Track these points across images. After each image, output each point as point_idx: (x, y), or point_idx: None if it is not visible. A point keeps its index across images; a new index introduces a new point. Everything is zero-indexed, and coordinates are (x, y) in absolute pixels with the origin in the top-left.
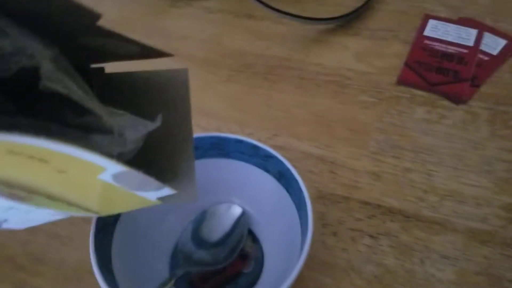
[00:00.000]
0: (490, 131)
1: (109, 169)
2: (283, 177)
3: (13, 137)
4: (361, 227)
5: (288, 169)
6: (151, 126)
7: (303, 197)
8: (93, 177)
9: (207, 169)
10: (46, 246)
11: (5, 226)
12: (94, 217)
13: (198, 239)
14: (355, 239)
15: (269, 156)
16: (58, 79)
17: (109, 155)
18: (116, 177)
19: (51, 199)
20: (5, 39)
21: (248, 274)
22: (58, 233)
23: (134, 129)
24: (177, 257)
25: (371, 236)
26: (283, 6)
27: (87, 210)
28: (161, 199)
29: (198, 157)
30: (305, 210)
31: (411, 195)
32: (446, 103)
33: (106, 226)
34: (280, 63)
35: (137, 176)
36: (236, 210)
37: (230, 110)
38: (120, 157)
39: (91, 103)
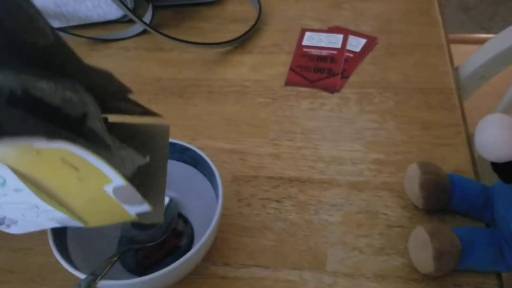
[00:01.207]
0: (359, 109)
1: (114, 181)
2: (198, 164)
3: (72, 147)
4: (268, 195)
5: (200, 156)
6: (143, 160)
7: (215, 175)
8: (100, 187)
9: None
10: (11, 258)
11: (12, 229)
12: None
13: (136, 224)
14: (265, 205)
15: (185, 149)
16: (95, 122)
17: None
18: (115, 189)
19: (61, 205)
20: (76, 94)
21: (183, 247)
22: (20, 246)
23: (132, 160)
24: (122, 240)
25: (276, 201)
26: (187, 37)
27: (81, 219)
28: (137, 215)
29: None
30: (217, 185)
31: (304, 166)
32: (324, 94)
33: (61, 228)
34: (191, 83)
35: (130, 190)
36: (165, 199)
37: None
38: None
39: (108, 138)
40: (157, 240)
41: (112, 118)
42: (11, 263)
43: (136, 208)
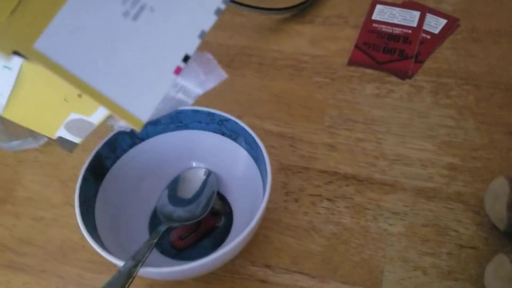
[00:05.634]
0: (433, 101)
1: (93, 118)
2: (239, 136)
3: None
4: (320, 192)
5: (242, 128)
6: None
7: (259, 148)
8: (70, 111)
9: (171, 142)
10: (31, 228)
11: None
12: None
13: (174, 200)
14: (315, 203)
15: (224, 120)
16: None
17: None
18: (80, 120)
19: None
20: None
21: (221, 228)
22: (43, 216)
23: None
24: (158, 217)
25: (329, 200)
26: None
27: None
28: (58, 137)
29: (160, 132)
30: (263, 158)
31: (364, 162)
32: (393, 79)
33: (88, 198)
34: (241, 51)
35: (90, 127)
36: (203, 172)
37: None
38: None
39: None
40: (196, 218)
41: None
42: (30, 234)
43: (67, 135)
